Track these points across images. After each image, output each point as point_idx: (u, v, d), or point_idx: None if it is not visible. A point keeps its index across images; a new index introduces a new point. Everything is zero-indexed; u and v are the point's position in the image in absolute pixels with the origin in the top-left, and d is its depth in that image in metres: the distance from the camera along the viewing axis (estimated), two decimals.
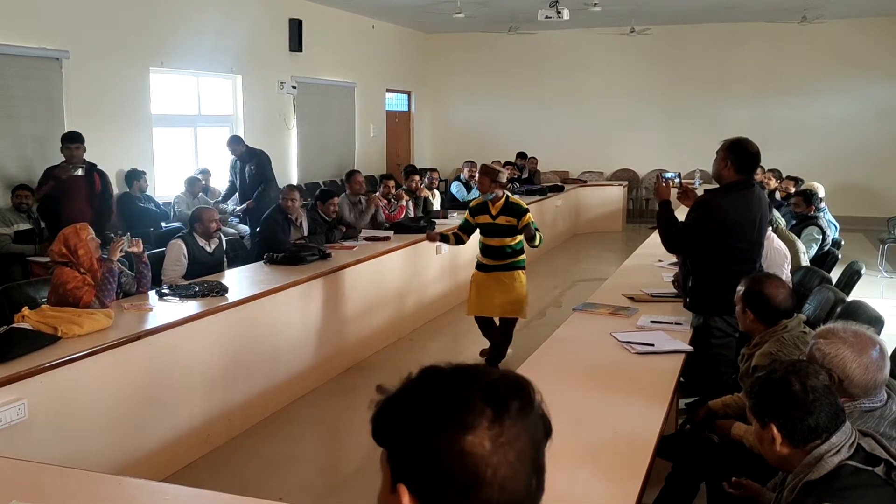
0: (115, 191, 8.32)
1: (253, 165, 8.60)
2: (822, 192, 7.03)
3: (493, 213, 5.60)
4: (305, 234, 6.41)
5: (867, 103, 13.77)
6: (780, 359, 2.94)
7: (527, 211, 5.60)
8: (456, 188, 9.87)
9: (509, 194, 5.71)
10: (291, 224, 6.46)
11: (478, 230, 5.79)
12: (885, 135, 13.62)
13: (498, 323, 5.95)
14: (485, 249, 5.74)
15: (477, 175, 5.94)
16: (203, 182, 9.14)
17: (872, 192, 13.64)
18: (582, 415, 2.97)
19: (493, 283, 5.69)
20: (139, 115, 8.75)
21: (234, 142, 8.80)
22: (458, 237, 5.89)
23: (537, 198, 10.67)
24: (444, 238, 5.94)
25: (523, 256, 5.77)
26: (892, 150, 13.59)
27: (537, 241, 5.47)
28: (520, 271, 5.71)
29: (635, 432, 2.87)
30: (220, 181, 10.06)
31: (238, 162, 8.72)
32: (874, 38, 13.57)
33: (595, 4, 10.79)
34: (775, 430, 1.98)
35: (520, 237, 5.63)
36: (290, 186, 6.91)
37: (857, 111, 13.81)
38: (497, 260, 5.68)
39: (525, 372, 3.43)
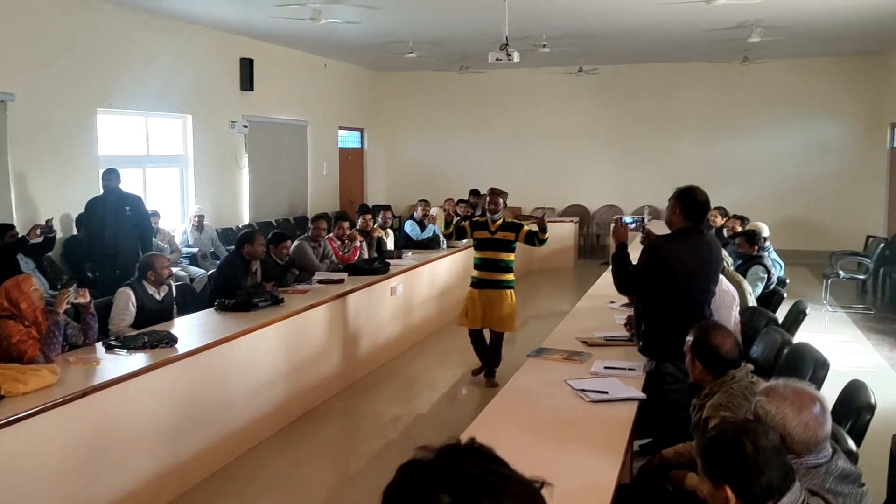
0: (60, 234, 8.16)
1: (132, 209, 7.76)
2: (766, 232, 7.20)
3: (493, 229, 6.43)
4: (259, 280, 6.33)
5: (807, 140, 14.24)
6: (730, 409, 2.99)
7: (522, 225, 6.50)
8: (410, 227, 9.87)
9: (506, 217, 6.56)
10: (248, 270, 6.35)
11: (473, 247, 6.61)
12: (825, 171, 14.08)
13: (489, 337, 6.69)
14: (480, 263, 6.51)
15: (489, 195, 6.68)
16: (154, 227, 8.95)
17: (814, 227, 14.04)
18: (539, 467, 2.96)
19: (486, 300, 6.45)
20: (86, 156, 8.60)
21: (117, 176, 7.75)
22: (460, 230, 6.65)
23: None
24: (448, 224, 6.83)
25: (513, 276, 6.55)
26: (831, 185, 14.05)
27: (545, 237, 6.42)
28: (510, 291, 6.48)
29: (593, 483, 2.88)
30: (168, 222, 9.93)
31: (104, 200, 7.73)
32: (812, 77, 14.09)
33: (544, 46, 11.00)
34: (729, 492, 1.99)
35: (513, 255, 6.49)
36: (259, 232, 6.74)
37: (797, 148, 14.27)
38: (489, 272, 6.44)
39: (481, 425, 3.45)
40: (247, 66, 11.42)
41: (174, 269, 6.99)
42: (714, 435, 2.10)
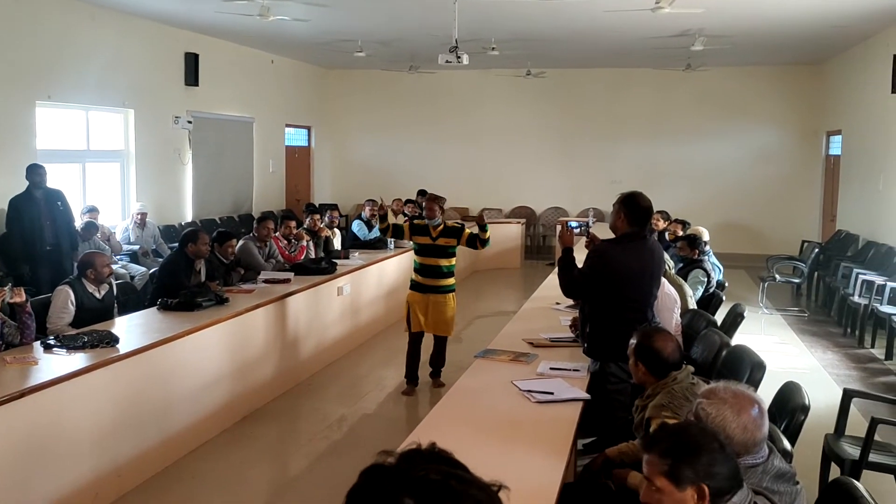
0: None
1: (63, 204, 7.78)
2: (706, 236, 7.38)
3: (434, 235, 6.31)
4: (203, 279, 6.23)
5: (747, 147, 14.63)
6: (672, 409, 3.06)
7: (464, 227, 6.46)
8: (357, 227, 9.85)
9: (446, 221, 6.49)
10: (192, 269, 6.25)
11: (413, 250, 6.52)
12: (763, 177, 14.49)
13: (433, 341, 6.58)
14: (420, 269, 6.39)
15: (424, 203, 6.60)
16: (100, 226, 8.78)
17: (752, 231, 14.44)
18: (486, 467, 2.99)
19: (428, 305, 6.34)
20: (24, 150, 8.33)
21: (44, 172, 7.65)
22: (397, 228, 6.59)
23: None
24: (382, 219, 6.57)
25: (454, 280, 6.49)
26: (768, 191, 14.47)
27: (487, 236, 6.37)
28: (451, 294, 6.43)
29: (538, 482, 2.92)
30: (108, 218, 9.73)
31: (32, 197, 7.58)
32: (752, 86, 14.49)
33: (493, 48, 11.08)
34: (703, 490, 1.99)
35: (454, 259, 6.42)
36: (203, 231, 6.63)
37: (737, 154, 14.66)
38: (431, 279, 6.33)
39: (428, 425, 3.47)
40: (192, 61, 11.23)
41: (113, 267, 6.84)
42: (674, 437, 2.09)
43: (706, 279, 6.58)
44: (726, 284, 7.48)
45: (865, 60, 11.40)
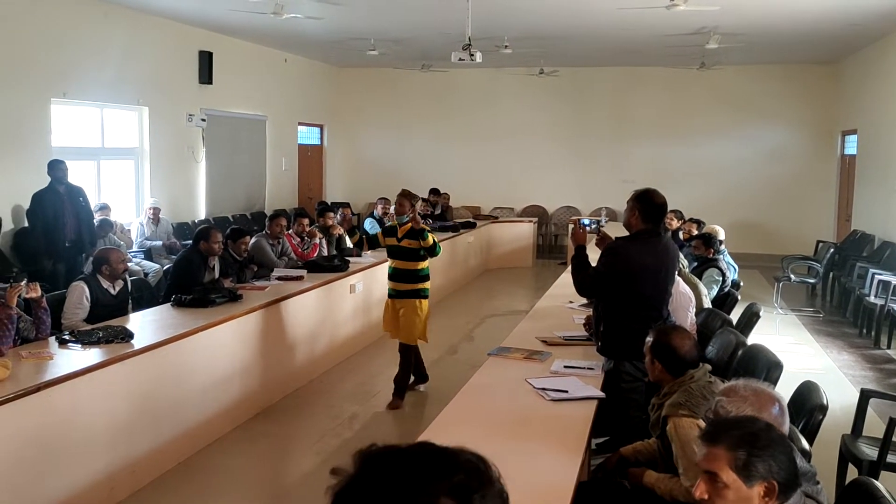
0: (11, 226, 7.98)
1: (84, 200, 7.92)
2: (722, 235, 7.34)
3: (399, 235, 6.02)
4: (217, 276, 6.25)
5: (761, 146, 14.53)
6: (689, 408, 3.04)
7: (428, 236, 6.01)
8: (370, 224, 9.83)
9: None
10: (206, 266, 6.27)
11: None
12: (778, 176, 14.39)
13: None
14: (392, 273, 6.15)
15: (396, 198, 6.28)
16: (115, 222, 8.84)
17: (766, 231, 14.34)
18: (500, 466, 2.98)
19: (395, 309, 6.13)
20: (39, 147, 8.38)
21: (66, 168, 7.78)
22: (371, 239, 6.50)
23: (450, 234, 10.72)
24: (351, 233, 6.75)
25: (427, 285, 6.13)
26: (783, 191, 14.37)
27: (436, 249, 5.96)
28: (419, 300, 6.07)
29: (553, 481, 2.91)
30: (123, 216, 9.77)
31: (54, 192, 7.69)
32: (767, 84, 14.39)
33: (506, 47, 11.05)
34: (776, 487, 1.88)
35: (423, 263, 6.04)
36: (215, 229, 6.64)
37: (752, 153, 14.56)
38: (402, 283, 6.06)
39: (443, 421, 3.46)
40: (206, 59, 11.26)
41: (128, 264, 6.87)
42: (743, 429, 1.95)
43: (721, 278, 6.54)
44: (741, 284, 7.43)
45: (881, 59, 11.31)
